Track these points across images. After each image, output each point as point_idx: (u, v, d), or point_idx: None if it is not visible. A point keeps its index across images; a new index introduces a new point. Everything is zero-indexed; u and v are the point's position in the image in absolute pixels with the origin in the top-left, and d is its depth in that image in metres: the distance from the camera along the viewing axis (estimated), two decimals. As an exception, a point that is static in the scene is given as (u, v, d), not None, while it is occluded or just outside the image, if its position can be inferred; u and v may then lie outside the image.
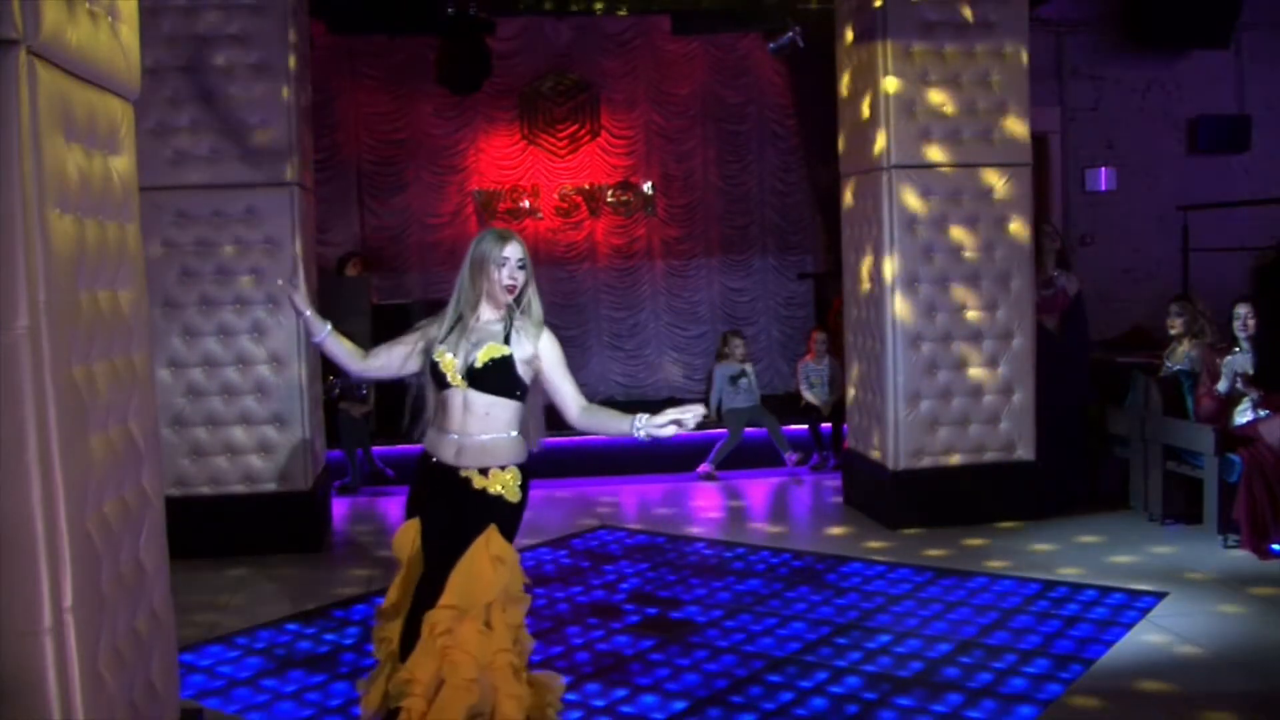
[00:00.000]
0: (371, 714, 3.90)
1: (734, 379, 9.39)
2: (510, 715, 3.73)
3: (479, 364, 3.83)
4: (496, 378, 3.84)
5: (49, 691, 2.75)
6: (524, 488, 3.91)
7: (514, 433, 3.88)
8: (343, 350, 4.08)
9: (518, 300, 3.91)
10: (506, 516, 3.87)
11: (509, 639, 3.79)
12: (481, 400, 3.84)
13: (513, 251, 3.87)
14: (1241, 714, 4.34)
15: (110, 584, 3.07)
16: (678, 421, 3.70)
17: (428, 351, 3.92)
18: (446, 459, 3.87)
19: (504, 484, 3.86)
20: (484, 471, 3.84)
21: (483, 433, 3.85)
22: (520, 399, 3.88)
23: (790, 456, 9.15)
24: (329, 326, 4.05)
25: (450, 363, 3.85)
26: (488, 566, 3.78)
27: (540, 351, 3.90)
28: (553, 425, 4.07)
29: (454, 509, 3.86)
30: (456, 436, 3.86)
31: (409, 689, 3.66)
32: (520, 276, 3.88)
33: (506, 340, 3.88)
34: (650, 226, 11.96)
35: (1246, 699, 4.47)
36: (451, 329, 3.91)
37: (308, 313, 4.02)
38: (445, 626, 3.70)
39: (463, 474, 3.85)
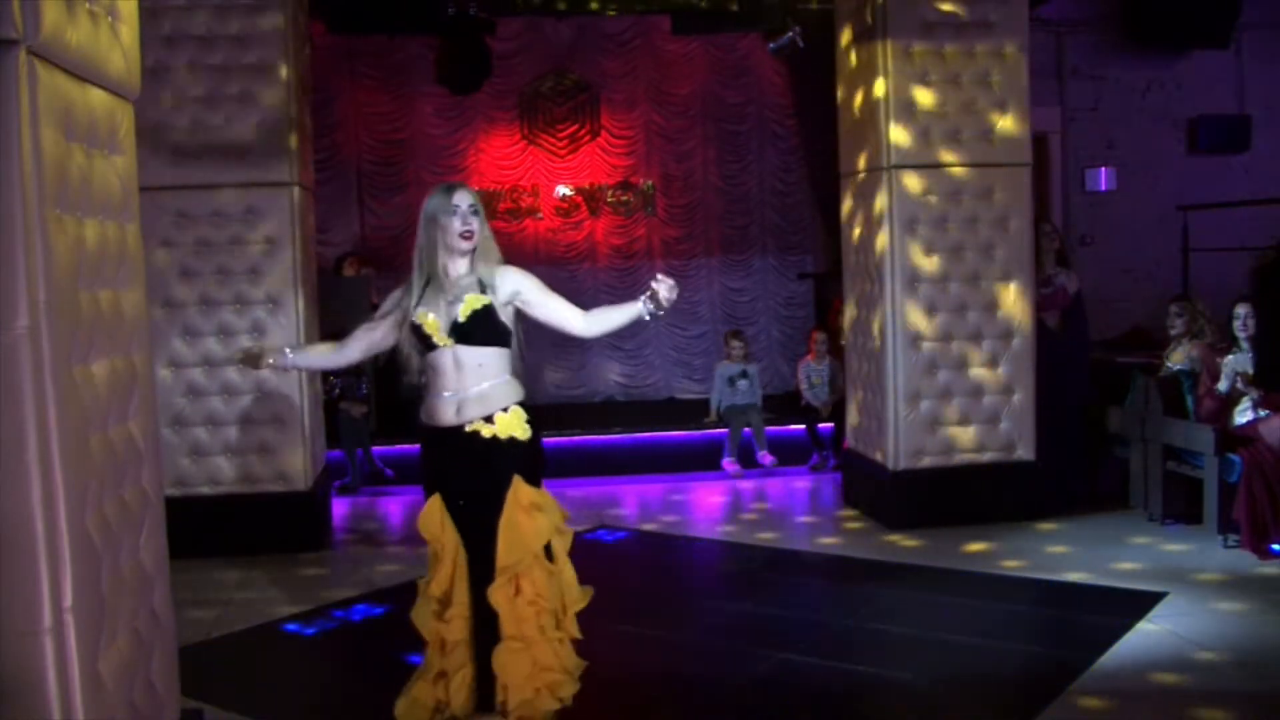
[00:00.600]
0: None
1: (732, 380, 9.40)
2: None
3: (462, 318, 3.82)
4: (483, 329, 3.83)
5: (49, 691, 2.74)
6: (532, 423, 3.91)
7: (507, 376, 3.88)
8: (317, 357, 4.11)
9: (476, 249, 3.90)
10: (525, 458, 3.88)
11: (571, 570, 3.95)
12: (472, 354, 3.83)
13: (461, 199, 3.88)
14: (1241, 714, 4.34)
15: (110, 584, 3.07)
16: (665, 285, 3.81)
17: (405, 319, 3.90)
18: (448, 420, 3.86)
19: (513, 426, 3.85)
20: (489, 419, 3.83)
21: (479, 384, 3.83)
22: (508, 344, 3.89)
23: (764, 457, 9.13)
24: (287, 350, 4.09)
25: (433, 323, 3.83)
26: (526, 521, 3.81)
27: (518, 287, 3.90)
28: (555, 425, 4.08)
29: (472, 469, 3.84)
30: (453, 394, 3.84)
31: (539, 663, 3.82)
32: (474, 222, 3.88)
33: (482, 290, 3.86)
34: (650, 226, 11.95)
35: (1246, 699, 4.46)
36: (423, 291, 3.89)
37: (271, 360, 4.06)
38: (513, 589, 3.78)
39: (469, 429, 3.84)
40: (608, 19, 11.21)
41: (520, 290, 3.93)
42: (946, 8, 7.13)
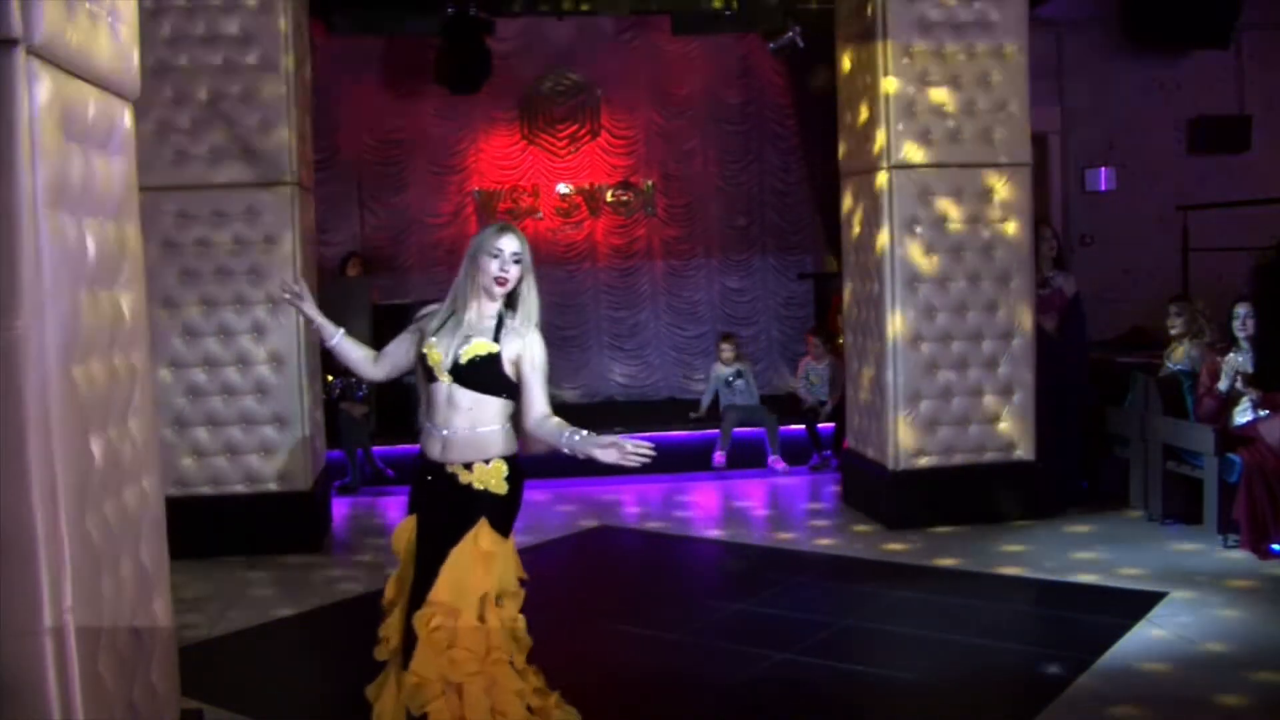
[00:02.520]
0: None
1: (728, 381, 9.41)
2: (513, 711, 3.71)
3: (464, 360, 3.77)
4: (482, 375, 3.77)
5: (49, 691, 2.74)
6: (511, 479, 3.82)
7: (499, 426, 3.81)
8: (357, 355, 4.06)
9: (512, 296, 3.83)
10: (497, 510, 3.79)
11: (505, 634, 3.76)
12: (467, 396, 3.77)
13: (508, 244, 3.78)
14: (1241, 713, 4.34)
15: (110, 585, 3.07)
16: (619, 448, 3.64)
17: (420, 344, 3.89)
18: (434, 455, 3.84)
19: (490, 478, 3.80)
20: (469, 466, 3.78)
21: (468, 427, 3.78)
22: (507, 397, 3.82)
23: (776, 462, 9.13)
24: (341, 331, 4.05)
25: (437, 357, 3.80)
26: (478, 562, 3.75)
27: (523, 352, 3.82)
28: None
29: (445, 506, 3.82)
30: (444, 432, 3.80)
31: (424, 693, 3.63)
32: (513, 270, 3.78)
33: (496, 338, 3.81)
34: (650, 226, 11.95)
35: (1246, 699, 4.46)
36: (444, 322, 3.88)
37: (318, 319, 4.01)
38: (437, 623, 3.66)
39: (449, 469, 3.81)
40: (608, 19, 11.20)
41: (523, 356, 3.85)
42: (947, 8, 7.13)
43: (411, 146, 11.52)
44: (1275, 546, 6.26)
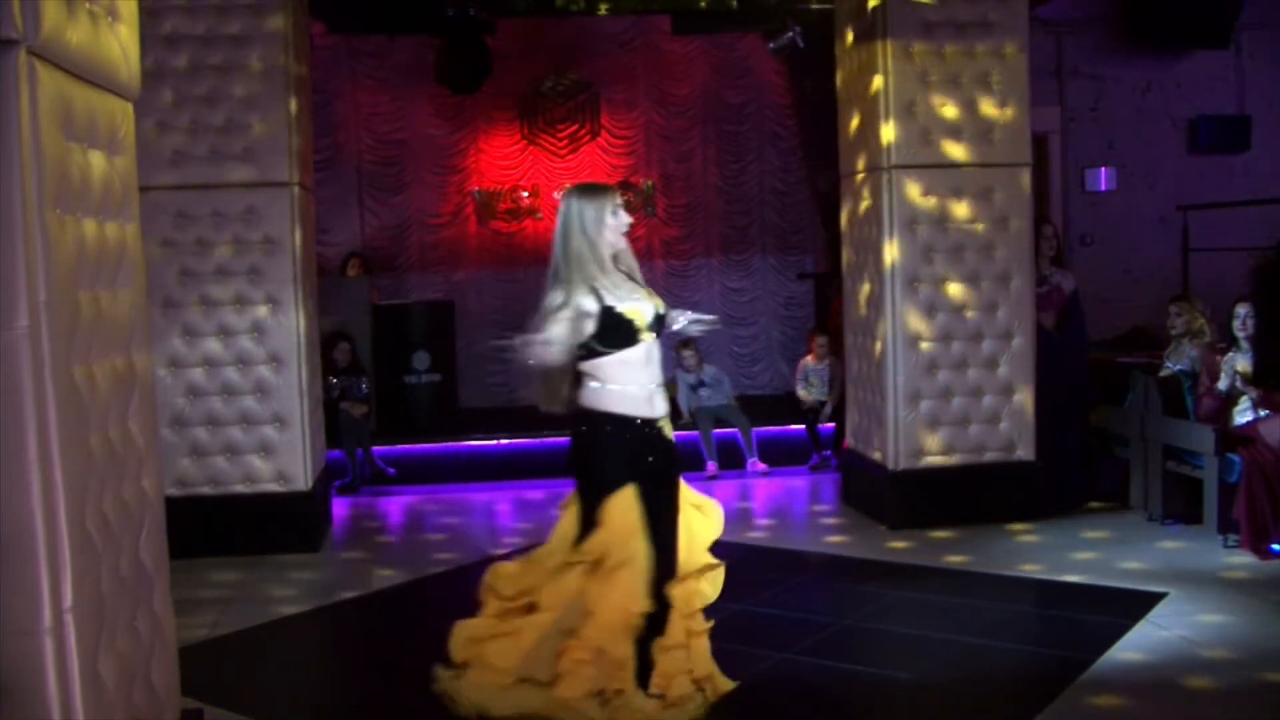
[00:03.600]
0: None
1: (694, 388, 9.39)
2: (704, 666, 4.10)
3: (661, 309, 3.95)
4: (663, 328, 3.98)
5: (49, 691, 2.74)
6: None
7: None
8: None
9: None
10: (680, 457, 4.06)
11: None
12: (658, 348, 3.95)
13: (618, 198, 4.04)
14: (1242, 713, 4.34)
15: (110, 584, 3.07)
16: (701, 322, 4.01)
17: (596, 313, 3.85)
18: (642, 411, 3.89)
19: (670, 426, 4.01)
20: (665, 418, 3.97)
21: (659, 379, 3.94)
22: None
23: (755, 464, 9.12)
24: (684, 314, 4.16)
25: (642, 317, 3.89)
26: (698, 518, 4.03)
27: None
28: (555, 425, 4.07)
29: (661, 462, 3.92)
30: (645, 387, 3.89)
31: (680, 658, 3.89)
32: (627, 221, 4.02)
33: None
34: (650, 226, 11.95)
35: (1246, 698, 4.46)
36: (599, 287, 3.89)
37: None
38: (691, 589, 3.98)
39: (659, 424, 3.91)
40: (608, 19, 11.21)
41: None
42: (947, 8, 7.13)
43: (411, 146, 11.53)
44: (1275, 546, 6.26)
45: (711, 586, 4.15)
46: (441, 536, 7.35)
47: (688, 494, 4.06)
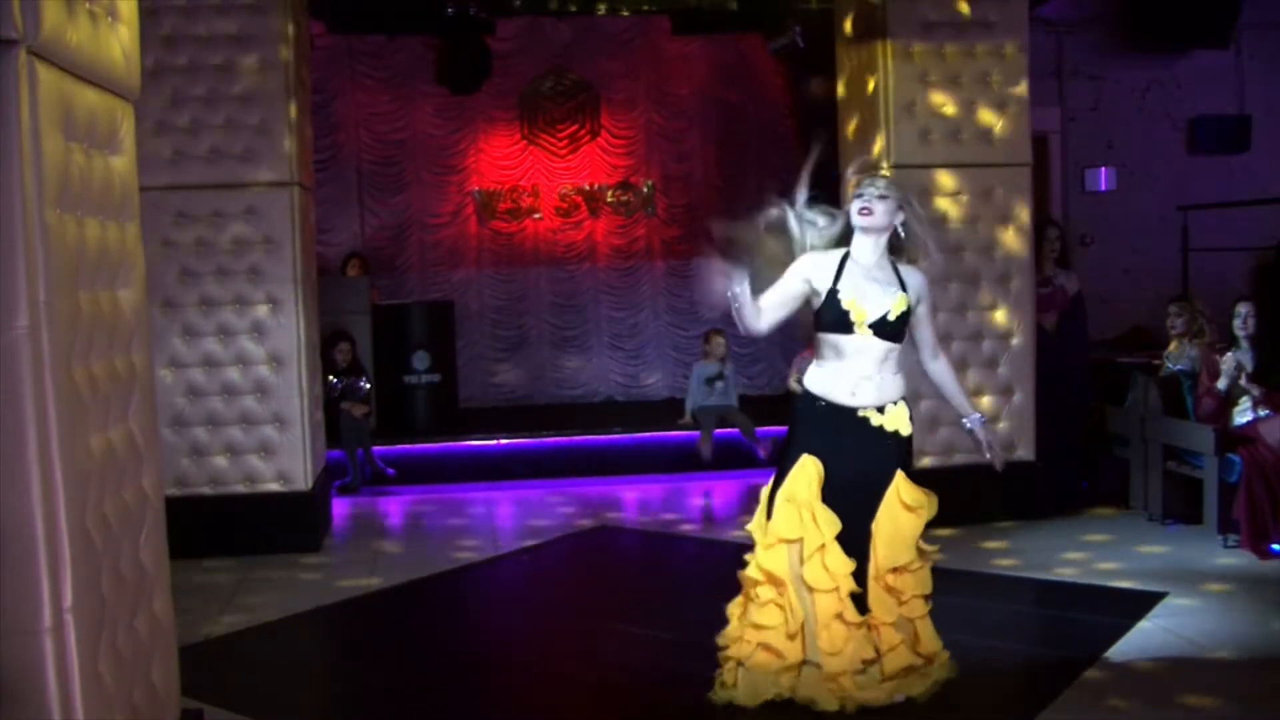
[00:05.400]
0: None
1: (710, 380, 9.34)
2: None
3: (893, 316, 3.99)
4: (899, 328, 4.02)
5: (49, 691, 2.75)
6: (912, 420, 4.16)
7: (901, 369, 4.07)
8: (750, 309, 4.06)
9: (894, 239, 4.10)
10: (903, 449, 4.11)
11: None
12: (880, 346, 3.99)
13: (869, 187, 4.10)
14: (1241, 714, 4.34)
15: (110, 584, 3.07)
16: (994, 453, 4.36)
17: (823, 295, 4.01)
18: (842, 399, 4.00)
19: (899, 419, 4.05)
20: (880, 410, 4.01)
21: (877, 372, 3.99)
22: (902, 341, 4.09)
23: (762, 451, 9.11)
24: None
25: (863, 314, 3.98)
26: (907, 517, 4.08)
27: (923, 295, 4.14)
28: (555, 425, 4.07)
29: (859, 450, 4.01)
30: (852, 376, 3.98)
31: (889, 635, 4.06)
32: (878, 206, 4.04)
33: (903, 286, 4.05)
34: (650, 226, 11.95)
35: (1246, 699, 4.46)
36: (840, 268, 4.02)
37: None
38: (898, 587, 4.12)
39: (860, 414, 3.98)
40: (608, 19, 11.20)
41: (923, 300, 4.16)
42: (947, 8, 7.12)
43: (411, 146, 11.52)
44: (1275, 546, 6.26)
45: (916, 581, 4.29)
46: (442, 537, 7.35)
47: (905, 493, 4.13)
